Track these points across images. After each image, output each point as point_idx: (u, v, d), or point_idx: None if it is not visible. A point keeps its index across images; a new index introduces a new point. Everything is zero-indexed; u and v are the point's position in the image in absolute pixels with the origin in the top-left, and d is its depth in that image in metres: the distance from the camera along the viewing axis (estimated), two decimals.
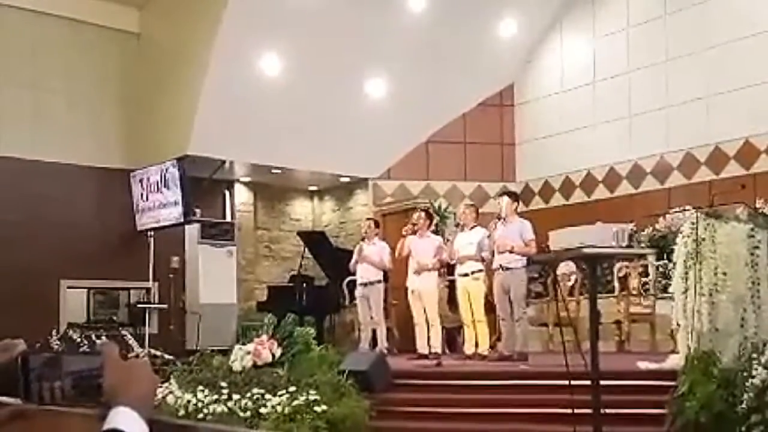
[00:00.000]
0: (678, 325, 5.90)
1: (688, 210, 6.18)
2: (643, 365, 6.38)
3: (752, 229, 5.72)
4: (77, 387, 1.23)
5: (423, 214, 8.92)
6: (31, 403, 1.27)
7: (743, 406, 4.61)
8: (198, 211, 11.02)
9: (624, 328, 8.90)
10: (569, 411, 4.86)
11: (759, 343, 5.14)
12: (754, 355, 4.86)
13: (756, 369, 4.66)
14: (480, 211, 8.86)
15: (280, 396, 6.10)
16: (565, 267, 8.96)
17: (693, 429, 4.96)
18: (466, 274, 8.30)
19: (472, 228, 8.45)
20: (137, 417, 1.14)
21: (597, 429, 4.58)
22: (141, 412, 1.15)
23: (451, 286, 9.00)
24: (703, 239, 5.64)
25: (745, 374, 4.76)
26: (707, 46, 10.10)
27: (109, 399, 1.17)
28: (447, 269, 9.17)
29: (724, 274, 5.59)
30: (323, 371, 6.55)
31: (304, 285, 10.40)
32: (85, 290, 10.72)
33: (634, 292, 9.03)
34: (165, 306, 10.66)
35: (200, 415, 6.15)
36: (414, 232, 8.68)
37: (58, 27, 10.46)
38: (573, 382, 4.85)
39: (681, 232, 5.90)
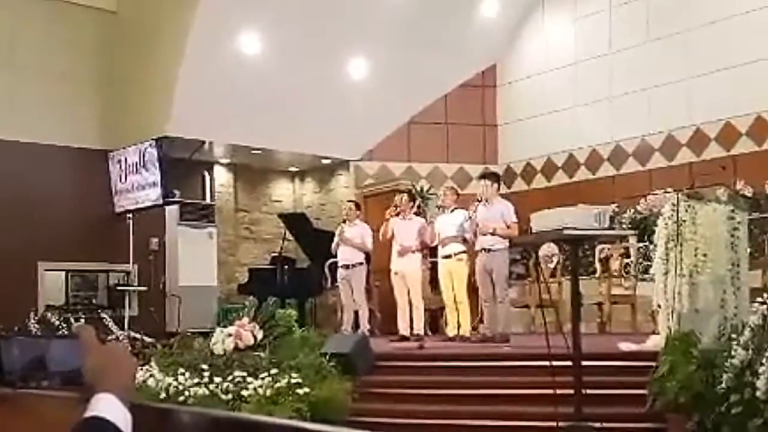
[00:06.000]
0: (659, 306, 5.93)
1: (669, 192, 6.19)
2: (624, 346, 6.42)
3: (732, 211, 5.77)
4: (64, 385, 1.21)
5: (406, 196, 8.91)
6: (7, 387, 1.23)
7: (723, 386, 4.64)
8: (177, 192, 10.91)
9: (605, 310, 8.97)
10: (551, 392, 4.88)
11: (738, 323, 5.18)
12: (734, 336, 4.89)
13: (735, 350, 4.69)
14: (462, 192, 8.85)
15: (262, 379, 6.08)
16: (547, 249, 9.00)
17: (673, 409, 5.00)
18: (449, 256, 8.30)
19: (452, 210, 8.46)
20: (119, 403, 1.12)
21: (578, 409, 4.62)
22: (122, 398, 1.13)
23: (434, 268, 8.99)
24: (684, 221, 5.67)
25: (724, 354, 4.79)
26: (689, 28, 10.11)
27: (89, 383, 1.14)
28: (429, 251, 9.17)
29: (705, 255, 5.62)
30: (305, 354, 6.53)
31: (286, 267, 10.37)
32: (63, 272, 10.59)
33: (616, 274, 9.09)
34: (145, 288, 10.59)
35: (181, 398, 6.12)
36: (397, 215, 8.67)
37: (34, 5, 10.25)
38: (555, 363, 4.88)
39: (662, 214, 5.92)
